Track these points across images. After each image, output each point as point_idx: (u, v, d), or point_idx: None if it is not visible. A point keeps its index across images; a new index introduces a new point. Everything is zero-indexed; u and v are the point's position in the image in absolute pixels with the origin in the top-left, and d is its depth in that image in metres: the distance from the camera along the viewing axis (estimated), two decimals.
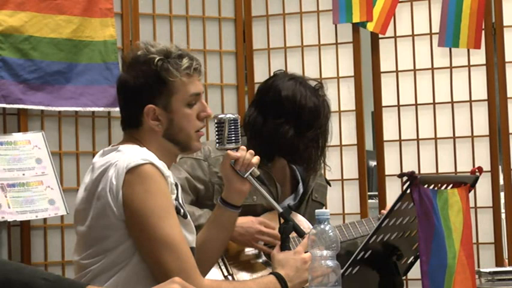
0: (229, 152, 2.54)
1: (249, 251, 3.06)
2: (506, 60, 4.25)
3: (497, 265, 4.09)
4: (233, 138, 2.53)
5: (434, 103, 4.35)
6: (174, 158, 2.49)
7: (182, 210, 2.36)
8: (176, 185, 2.41)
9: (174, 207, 2.32)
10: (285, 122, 3.06)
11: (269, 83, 3.18)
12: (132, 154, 2.29)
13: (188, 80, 2.39)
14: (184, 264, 2.26)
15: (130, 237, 2.27)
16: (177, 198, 2.36)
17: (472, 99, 4.30)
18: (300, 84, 3.11)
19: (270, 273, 2.45)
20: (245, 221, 2.95)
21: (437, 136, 4.34)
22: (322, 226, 2.12)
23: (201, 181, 3.04)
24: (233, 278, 2.92)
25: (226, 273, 2.94)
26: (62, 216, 3.97)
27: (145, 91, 2.37)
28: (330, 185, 3.44)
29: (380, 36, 4.38)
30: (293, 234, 2.62)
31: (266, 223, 2.94)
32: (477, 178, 2.51)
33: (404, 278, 2.58)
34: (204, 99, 2.47)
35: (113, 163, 2.28)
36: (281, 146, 3.07)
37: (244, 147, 2.57)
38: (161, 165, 2.30)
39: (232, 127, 2.53)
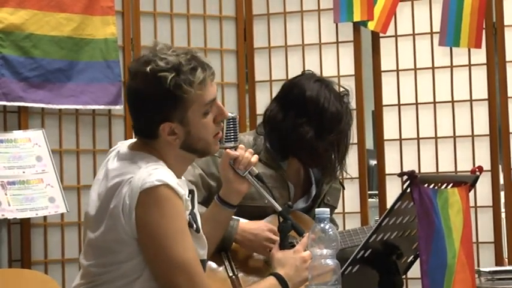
0: (228, 151, 2.53)
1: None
2: (507, 59, 4.25)
3: (497, 264, 4.09)
4: (232, 137, 2.52)
5: (434, 102, 4.35)
6: (190, 162, 2.43)
7: (195, 225, 2.32)
8: (192, 192, 2.36)
9: (188, 222, 2.28)
10: (306, 123, 3.01)
11: (295, 81, 3.14)
12: (147, 172, 2.22)
13: (202, 91, 2.30)
14: (197, 287, 2.24)
15: (141, 253, 2.23)
16: (191, 213, 2.32)
17: (473, 98, 4.30)
18: (325, 88, 3.06)
19: (270, 274, 2.44)
20: (255, 227, 2.93)
21: (438, 135, 4.34)
22: (322, 225, 2.12)
23: (214, 178, 3.02)
24: (238, 279, 2.90)
25: (231, 274, 2.94)
26: (62, 214, 3.97)
27: (159, 108, 2.27)
28: (344, 188, 3.41)
29: (381, 35, 4.38)
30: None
31: (275, 230, 2.90)
32: (477, 177, 2.51)
33: (404, 277, 2.58)
34: (219, 101, 2.39)
35: (127, 180, 2.22)
36: (299, 145, 3.04)
37: (243, 146, 2.56)
38: (176, 184, 2.23)
39: (231, 126, 2.52)
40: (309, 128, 3.01)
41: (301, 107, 3.03)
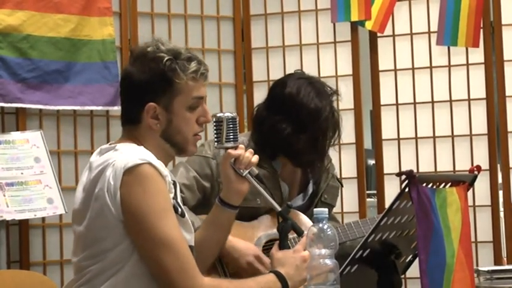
0: (230, 150, 2.53)
1: None
2: (505, 58, 4.25)
3: (495, 264, 4.09)
4: (231, 137, 2.53)
5: (432, 102, 4.35)
6: (170, 158, 2.49)
7: (180, 210, 2.35)
8: (174, 183, 2.41)
9: (172, 206, 2.31)
10: (283, 119, 3.00)
11: (281, 79, 3.16)
12: (129, 154, 2.28)
13: (193, 83, 2.38)
14: (184, 264, 2.26)
15: (127, 237, 2.26)
16: (175, 197, 2.36)
17: (471, 97, 4.30)
18: (308, 85, 3.04)
19: (270, 271, 2.45)
20: (244, 247, 2.91)
21: (436, 135, 4.34)
22: (320, 225, 2.12)
23: (208, 179, 3.02)
24: None
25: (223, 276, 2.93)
26: (60, 215, 3.96)
27: (149, 88, 2.36)
28: (342, 185, 3.41)
29: (378, 34, 4.38)
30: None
31: (261, 259, 2.90)
32: (476, 177, 2.52)
33: (403, 276, 2.58)
34: (206, 105, 2.46)
35: (110, 163, 2.27)
36: (278, 143, 3.04)
37: (243, 146, 2.56)
38: (159, 164, 2.29)
39: (231, 126, 2.52)
40: (287, 125, 3.00)
41: (279, 104, 3.03)
